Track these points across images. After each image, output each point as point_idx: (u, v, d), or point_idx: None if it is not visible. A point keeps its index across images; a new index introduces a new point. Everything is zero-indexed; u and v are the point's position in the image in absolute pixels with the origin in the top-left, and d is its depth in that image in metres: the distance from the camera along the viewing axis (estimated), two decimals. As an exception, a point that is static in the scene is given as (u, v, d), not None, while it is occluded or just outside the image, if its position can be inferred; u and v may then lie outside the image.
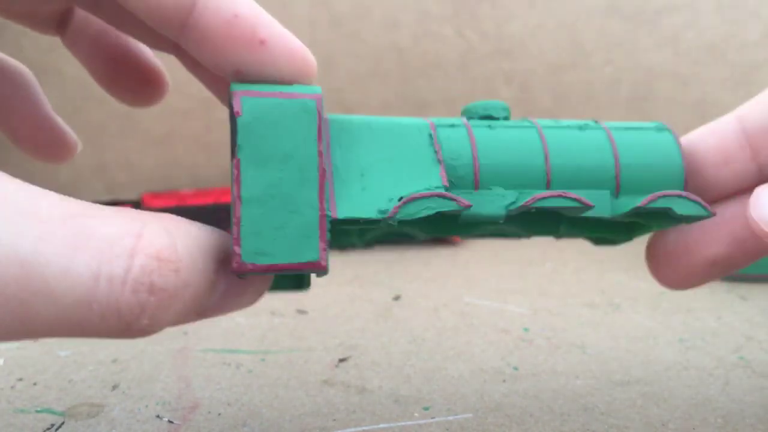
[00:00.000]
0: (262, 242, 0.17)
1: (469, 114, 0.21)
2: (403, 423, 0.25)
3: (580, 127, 0.21)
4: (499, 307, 0.39)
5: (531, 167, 0.20)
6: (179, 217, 0.17)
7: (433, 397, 0.27)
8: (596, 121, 0.21)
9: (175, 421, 0.25)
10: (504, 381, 0.28)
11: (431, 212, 0.18)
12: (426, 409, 0.26)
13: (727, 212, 0.22)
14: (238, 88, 0.18)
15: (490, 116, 0.21)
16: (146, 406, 0.26)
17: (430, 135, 0.20)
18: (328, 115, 0.19)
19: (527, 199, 0.19)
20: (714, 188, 0.22)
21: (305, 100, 0.18)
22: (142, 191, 0.63)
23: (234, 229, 0.17)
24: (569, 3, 0.67)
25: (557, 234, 0.23)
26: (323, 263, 0.17)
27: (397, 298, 0.41)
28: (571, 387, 0.28)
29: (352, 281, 0.45)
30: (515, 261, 0.51)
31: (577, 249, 0.54)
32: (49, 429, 0.25)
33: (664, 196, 0.20)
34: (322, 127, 0.18)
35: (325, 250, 0.17)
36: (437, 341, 0.33)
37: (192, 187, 0.64)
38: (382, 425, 0.25)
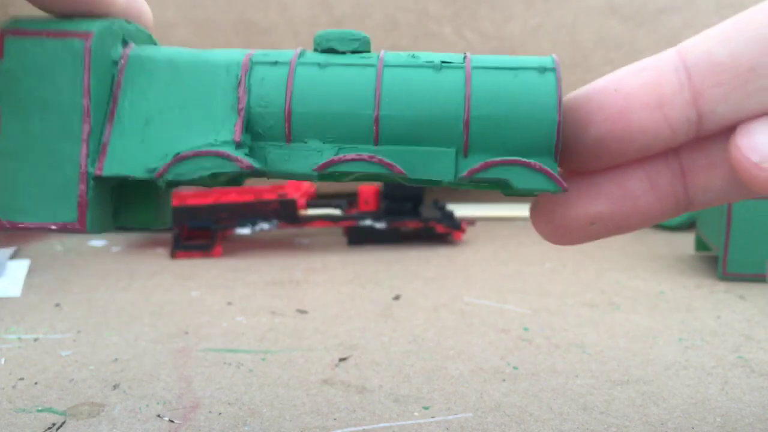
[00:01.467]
0: (19, 199, 0.16)
1: (316, 44, 0.18)
2: (402, 422, 0.25)
3: (436, 67, 0.17)
4: (498, 306, 0.39)
5: (356, 117, 0.17)
6: None
7: (433, 396, 0.27)
8: (465, 56, 0.18)
9: (175, 421, 0.25)
10: (504, 380, 0.29)
11: (205, 174, 0.16)
12: (426, 408, 0.26)
13: (612, 171, 0.18)
14: (7, 27, 0.16)
15: (333, 49, 0.17)
16: (147, 406, 0.26)
17: (237, 77, 0.17)
18: (135, 47, 0.17)
19: (325, 161, 0.16)
20: (640, 137, 0.17)
21: (72, 39, 0.16)
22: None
23: None
24: (569, 3, 0.67)
25: (408, 182, 0.19)
26: (81, 225, 0.16)
27: (397, 297, 0.41)
28: (571, 386, 0.28)
29: (352, 281, 0.45)
30: (515, 261, 0.51)
31: (576, 249, 0.54)
32: (50, 428, 0.25)
33: (500, 164, 0.16)
34: (91, 71, 0.16)
35: (84, 210, 0.16)
36: (437, 341, 0.33)
37: (191, 187, 0.64)
38: (382, 424, 0.25)
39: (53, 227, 0.16)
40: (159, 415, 0.26)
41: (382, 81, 0.17)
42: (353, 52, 0.17)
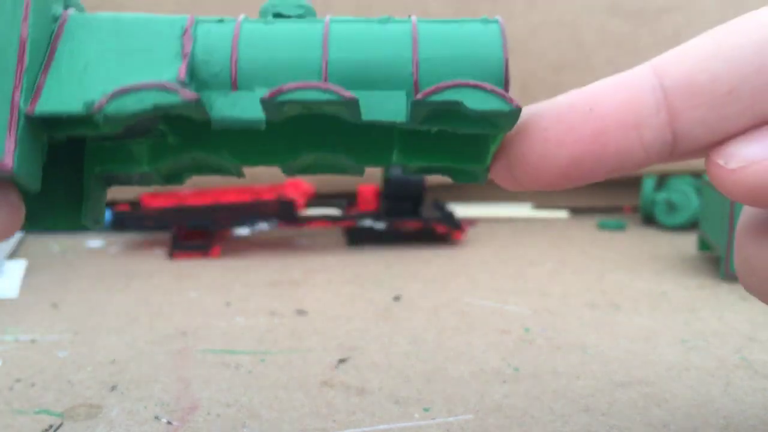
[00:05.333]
0: None
1: (261, 12, 0.18)
2: (403, 424, 0.25)
3: (382, 21, 0.17)
4: (499, 307, 0.39)
5: (303, 62, 0.16)
6: None
7: (434, 398, 0.27)
8: (410, 16, 0.18)
9: (174, 422, 0.25)
10: (504, 382, 0.28)
11: (147, 106, 0.15)
12: (426, 410, 0.26)
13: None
14: None
15: (280, 14, 0.18)
16: (145, 407, 0.26)
17: (182, 28, 0.17)
18: (74, 12, 0.17)
19: (273, 90, 0.15)
20: (614, 159, 0.17)
21: None
22: (140, 191, 0.63)
23: None
24: (570, 2, 0.67)
25: (389, 161, 0.19)
26: (8, 163, 0.14)
27: (397, 298, 0.41)
28: (572, 388, 0.28)
29: (351, 281, 0.45)
30: (516, 261, 0.51)
31: (577, 249, 0.54)
32: (47, 430, 0.24)
33: (452, 87, 0.16)
34: (30, 11, 0.15)
35: (12, 149, 0.15)
36: (437, 342, 0.33)
37: (192, 187, 0.64)
38: (381, 426, 0.25)
39: None
40: (157, 417, 0.25)
41: (330, 30, 0.17)
42: (298, 17, 0.17)
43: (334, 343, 0.33)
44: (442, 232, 0.56)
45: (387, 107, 0.16)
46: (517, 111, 0.16)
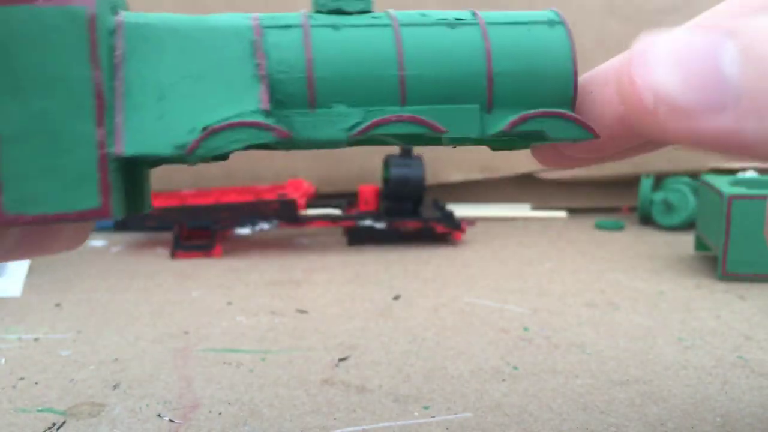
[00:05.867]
0: (29, 188, 0.14)
1: (319, 5, 0.17)
2: (402, 422, 0.25)
3: (450, 25, 0.17)
4: (498, 306, 0.39)
5: (381, 79, 0.16)
6: None
7: (433, 396, 0.27)
8: (474, 13, 0.17)
9: (175, 420, 0.25)
10: (503, 380, 0.29)
11: (240, 146, 0.15)
12: (426, 408, 0.26)
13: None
14: None
15: (340, 9, 0.17)
16: (147, 406, 0.26)
17: (252, 43, 0.16)
18: (125, 14, 0.16)
19: (366, 124, 0.16)
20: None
21: (71, 6, 0.14)
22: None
23: None
24: (568, 3, 0.67)
25: (439, 143, 0.19)
26: (106, 210, 0.14)
27: (397, 297, 0.41)
28: (571, 386, 0.28)
29: (352, 281, 0.45)
30: (515, 261, 0.51)
31: (576, 249, 0.55)
32: (50, 428, 0.25)
33: (535, 117, 0.16)
34: (97, 41, 0.14)
35: (107, 194, 0.14)
36: (437, 341, 0.33)
37: (192, 187, 0.64)
38: (382, 424, 0.25)
39: (71, 216, 0.14)
40: (159, 415, 0.26)
41: (402, 41, 0.17)
42: (360, 12, 0.17)
43: (335, 342, 0.33)
44: (442, 232, 0.57)
45: (461, 125, 0.17)
46: (597, 137, 0.17)
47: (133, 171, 0.17)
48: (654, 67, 0.13)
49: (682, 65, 0.13)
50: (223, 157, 0.17)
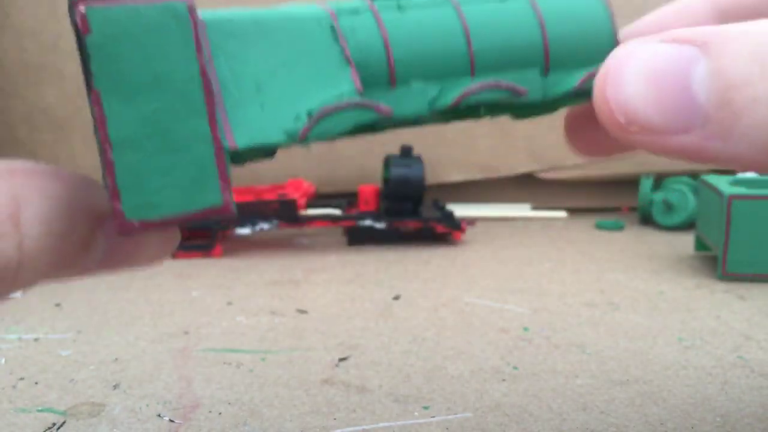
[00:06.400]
0: (147, 193, 0.14)
1: None
2: (402, 422, 0.25)
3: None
4: (498, 306, 0.39)
5: (452, 53, 0.17)
6: (34, 168, 0.14)
7: (433, 396, 0.27)
8: None
9: (176, 420, 0.25)
10: (503, 380, 0.29)
11: (349, 127, 0.16)
12: (426, 408, 0.26)
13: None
14: None
15: None
16: (147, 406, 0.26)
17: (333, 28, 0.16)
18: (202, 12, 0.15)
19: (456, 96, 0.17)
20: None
21: (171, 2, 0.14)
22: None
23: (108, 180, 0.13)
24: (569, 3, 0.67)
25: (477, 116, 0.20)
26: (228, 206, 0.14)
27: (397, 297, 0.41)
28: (571, 386, 0.28)
29: (352, 281, 0.45)
30: (515, 261, 0.51)
31: (576, 249, 0.55)
32: (50, 428, 0.25)
33: (595, 75, 0.17)
34: (200, 36, 0.14)
35: (228, 189, 0.14)
36: (437, 341, 0.33)
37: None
38: (382, 424, 0.25)
39: (195, 215, 0.14)
40: (159, 415, 0.26)
41: (465, 17, 0.18)
42: None
43: (335, 342, 0.33)
44: (442, 232, 0.57)
45: (531, 88, 0.18)
46: None
47: None
48: (626, 86, 0.14)
49: (654, 83, 0.14)
50: (272, 153, 0.17)
